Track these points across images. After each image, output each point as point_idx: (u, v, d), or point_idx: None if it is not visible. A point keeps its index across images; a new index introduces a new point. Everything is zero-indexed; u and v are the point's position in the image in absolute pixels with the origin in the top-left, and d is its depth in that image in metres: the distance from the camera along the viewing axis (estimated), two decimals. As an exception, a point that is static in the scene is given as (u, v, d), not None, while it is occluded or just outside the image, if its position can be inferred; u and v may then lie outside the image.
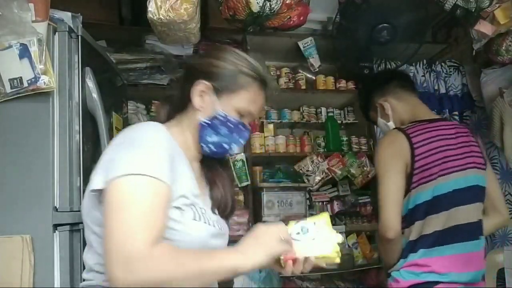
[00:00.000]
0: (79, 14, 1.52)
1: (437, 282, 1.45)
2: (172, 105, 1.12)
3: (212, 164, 1.14)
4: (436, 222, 1.50)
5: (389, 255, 1.56)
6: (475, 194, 1.57)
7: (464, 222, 1.52)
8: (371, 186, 2.88)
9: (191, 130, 1.07)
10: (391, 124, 1.73)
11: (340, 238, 1.00)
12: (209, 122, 1.05)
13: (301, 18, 2.01)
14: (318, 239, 0.98)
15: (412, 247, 1.51)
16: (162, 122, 1.07)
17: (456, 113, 2.81)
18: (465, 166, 1.56)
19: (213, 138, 1.05)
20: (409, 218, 1.53)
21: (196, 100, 1.05)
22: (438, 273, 1.46)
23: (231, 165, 1.20)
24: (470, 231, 1.53)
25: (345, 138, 2.97)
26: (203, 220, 0.97)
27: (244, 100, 1.06)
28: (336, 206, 2.86)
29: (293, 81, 2.92)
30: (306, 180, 2.79)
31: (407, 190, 1.52)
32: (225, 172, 1.16)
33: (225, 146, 1.07)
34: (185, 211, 0.92)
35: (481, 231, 1.57)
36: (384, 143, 1.62)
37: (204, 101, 1.05)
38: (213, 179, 1.12)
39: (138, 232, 0.79)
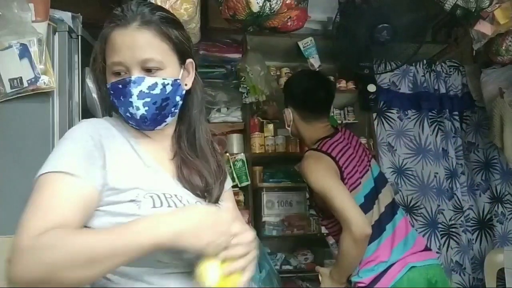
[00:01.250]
0: (79, 14, 1.52)
1: (387, 268, 1.61)
2: None
3: (179, 142, 1.01)
4: (372, 217, 1.68)
5: (361, 255, 1.63)
6: (381, 179, 1.82)
7: (384, 209, 1.73)
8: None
9: None
10: (288, 129, 1.91)
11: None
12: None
13: (299, 24, 2.05)
14: None
15: None
16: None
17: (456, 113, 2.82)
18: (368, 163, 1.81)
19: (122, 114, 0.94)
20: None
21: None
22: (384, 261, 1.62)
23: (207, 146, 1.03)
24: (391, 211, 1.74)
25: (345, 138, 2.97)
26: (167, 204, 0.85)
27: (106, 58, 0.92)
28: (336, 206, 2.85)
29: (293, 81, 2.91)
30: (306, 180, 2.79)
31: None
32: (194, 153, 1.00)
33: (128, 115, 0.92)
34: (142, 201, 0.84)
35: (397, 207, 1.79)
36: (311, 164, 1.72)
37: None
38: (181, 165, 0.98)
39: (25, 226, 0.73)
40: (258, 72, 2.63)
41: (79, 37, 1.46)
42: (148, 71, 0.90)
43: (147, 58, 0.89)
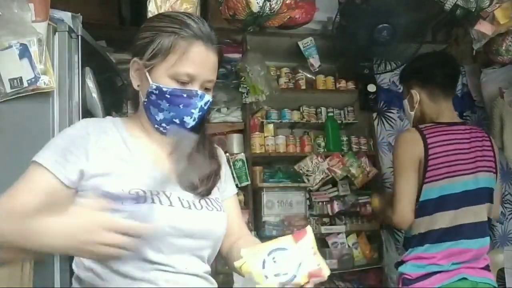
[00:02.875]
0: (79, 14, 1.52)
1: (439, 272, 1.58)
2: (131, 97, 1.06)
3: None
4: (443, 220, 1.61)
5: None
6: (483, 195, 1.67)
7: (471, 221, 1.62)
8: (371, 186, 2.88)
9: (144, 115, 1.00)
10: (411, 114, 1.83)
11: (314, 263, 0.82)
12: (147, 100, 0.96)
13: (308, 16, 2.06)
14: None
15: (419, 240, 1.63)
16: (133, 113, 1.06)
17: (456, 113, 2.80)
18: (475, 169, 1.66)
19: (159, 116, 0.97)
20: (419, 211, 1.64)
21: (133, 81, 0.99)
22: (439, 264, 1.59)
23: (209, 141, 1.10)
24: (475, 230, 1.63)
25: (345, 138, 2.97)
26: (151, 201, 0.88)
27: (175, 63, 0.93)
28: (336, 206, 2.86)
29: (293, 81, 2.92)
30: (306, 180, 2.79)
31: (420, 185, 1.64)
32: (195, 147, 1.03)
33: (177, 121, 0.96)
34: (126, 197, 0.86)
35: (486, 230, 1.67)
36: (401, 141, 1.73)
37: (141, 79, 0.98)
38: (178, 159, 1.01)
39: None
40: (258, 72, 2.63)
41: (79, 37, 1.45)
42: (205, 89, 0.99)
43: (212, 79, 0.99)
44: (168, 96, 0.94)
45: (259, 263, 0.80)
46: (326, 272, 0.82)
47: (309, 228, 0.86)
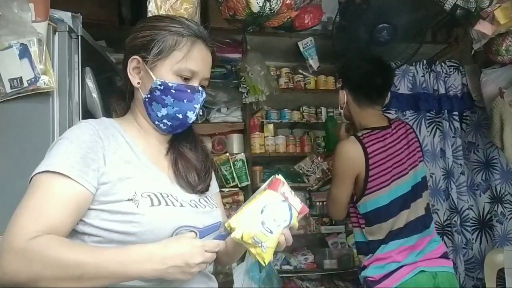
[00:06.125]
0: (79, 14, 1.52)
1: (398, 268, 1.66)
2: (124, 96, 1.07)
3: (176, 142, 1.06)
4: (399, 222, 1.69)
5: None
6: (422, 186, 1.79)
7: (420, 214, 1.74)
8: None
9: (142, 113, 1.01)
10: (340, 111, 1.91)
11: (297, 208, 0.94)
12: (150, 96, 0.98)
13: (316, 20, 2.19)
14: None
15: (378, 244, 1.71)
16: (120, 116, 1.06)
17: (456, 113, 2.81)
18: (412, 166, 1.77)
19: (162, 111, 0.98)
20: (370, 219, 1.72)
21: (132, 78, 1.00)
22: (397, 262, 1.67)
23: (199, 139, 1.13)
24: (423, 221, 1.75)
25: (345, 138, 2.97)
26: (164, 203, 0.90)
27: (180, 60, 0.97)
28: (336, 206, 2.85)
29: (293, 81, 2.92)
30: (306, 180, 2.79)
31: (362, 195, 1.72)
32: (188, 145, 1.07)
33: (179, 116, 0.99)
34: (140, 200, 0.87)
35: (430, 218, 1.79)
36: (342, 150, 1.77)
37: (140, 76, 0.99)
38: (176, 158, 1.03)
39: (18, 226, 0.77)
40: (258, 72, 2.63)
41: (79, 37, 1.45)
42: (202, 86, 1.02)
43: (208, 77, 1.03)
44: (173, 92, 0.97)
45: (258, 225, 0.86)
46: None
47: (279, 176, 0.94)
